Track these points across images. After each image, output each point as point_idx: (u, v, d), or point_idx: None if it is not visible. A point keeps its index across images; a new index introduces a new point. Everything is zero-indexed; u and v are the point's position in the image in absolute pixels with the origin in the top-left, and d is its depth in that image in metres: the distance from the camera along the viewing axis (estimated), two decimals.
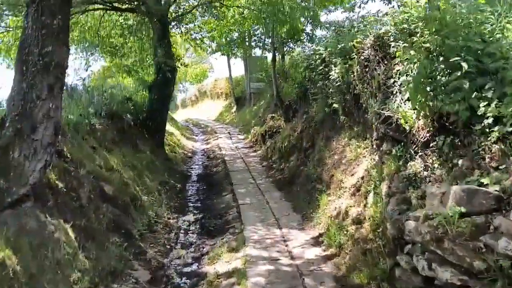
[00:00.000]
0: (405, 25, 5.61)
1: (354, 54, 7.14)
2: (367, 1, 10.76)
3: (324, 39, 10.76)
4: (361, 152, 7.64)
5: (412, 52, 5.16)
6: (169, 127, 22.61)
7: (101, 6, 14.20)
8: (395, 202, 5.30)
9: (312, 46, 10.17)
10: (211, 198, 11.22)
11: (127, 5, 14.32)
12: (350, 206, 6.76)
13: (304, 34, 21.52)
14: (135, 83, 16.19)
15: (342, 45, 7.81)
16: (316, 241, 6.95)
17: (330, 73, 8.56)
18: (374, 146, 6.64)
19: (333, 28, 12.37)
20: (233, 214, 9.17)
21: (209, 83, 43.60)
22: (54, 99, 4.73)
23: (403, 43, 5.43)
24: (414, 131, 5.40)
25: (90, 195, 6.33)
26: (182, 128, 27.09)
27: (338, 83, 8.06)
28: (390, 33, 5.99)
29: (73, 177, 6.10)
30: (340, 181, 7.78)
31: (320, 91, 10.43)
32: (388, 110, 5.76)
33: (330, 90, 8.94)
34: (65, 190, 5.76)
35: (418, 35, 5.24)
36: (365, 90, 6.73)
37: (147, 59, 15.83)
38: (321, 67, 9.43)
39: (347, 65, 7.44)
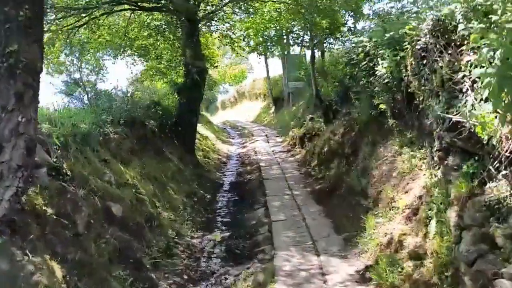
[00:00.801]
0: (480, 0, 4.19)
1: (406, 44, 5.74)
2: None
3: (367, 29, 9.25)
4: (417, 164, 6.23)
5: (492, 36, 3.75)
6: (204, 131, 21.85)
7: (127, 6, 13.51)
8: (470, 240, 3.93)
9: (353, 37, 8.73)
10: (242, 212, 10.11)
11: (154, 4, 13.53)
12: (405, 234, 5.38)
13: (345, 28, 19.94)
14: (166, 86, 15.41)
15: (391, 34, 6.41)
16: (363, 277, 5.62)
17: (375, 68, 7.17)
18: (436, 159, 5.23)
19: (378, 17, 10.86)
20: (264, 234, 7.99)
21: (248, 84, 42.68)
22: (24, 110, 3.78)
23: (477, 24, 4.02)
24: (494, 142, 3.98)
25: (89, 220, 5.38)
26: (218, 131, 26.27)
27: (386, 80, 6.66)
28: (456, 13, 4.58)
29: (69, 200, 5.16)
30: (390, 199, 6.40)
31: (364, 90, 9.04)
32: (456, 114, 4.35)
33: (376, 88, 7.55)
34: (56, 217, 4.82)
35: (499, 12, 3.83)
36: (422, 87, 5.33)
37: (175, 60, 14.95)
38: (364, 62, 8.04)
39: (398, 58, 6.05)
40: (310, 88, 20.25)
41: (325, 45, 22.48)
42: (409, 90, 6.01)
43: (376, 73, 7.04)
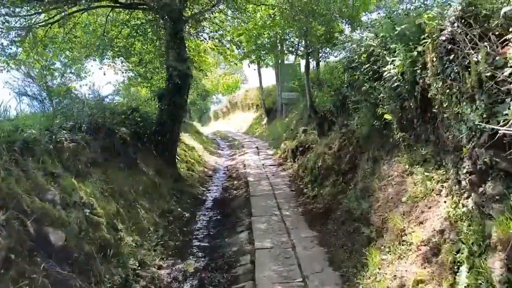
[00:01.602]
0: None
1: (425, 36, 4.55)
2: None
3: (370, 25, 8.08)
4: (433, 188, 5.00)
5: None
6: (191, 141, 20.56)
7: (106, 3, 12.31)
8: None
9: (354, 33, 7.56)
10: (223, 235, 8.80)
11: (135, 1, 12.34)
12: (423, 281, 4.13)
13: (342, 37, 18.91)
14: (148, 91, 14.14)
15: (403, 26, 5.22)
16: None
17: (381, 70, 5.99)
18: (464, 183, 4.01)
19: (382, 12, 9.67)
20: (245, 266, 6.69)
21: (240, 94, 41.59)
22: None
23: None
24: None
25: (7, 254, 4.07)
26: (207, 142, 24.99)
27: (396, 84, 5.46)
28: None
29: None
30: (400, 230, 5.15)
31: (365, 98, 7.87)
32: (502, 124, 3.15)
33: (381, 95, 6.36)
34: None
35: None
36: (448, 90, 4.12)
37: (156, 62, 13.69)
38: (367, 65, 6.87)
39: (414, 54, 4.86)
40: (304, 99, 19.17)
41: (320, 54, 21.55)
42: (426, 95, 4.80)
43: (383, 76, 5.84)
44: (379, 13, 14.50)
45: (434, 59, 4.28)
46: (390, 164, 6.87)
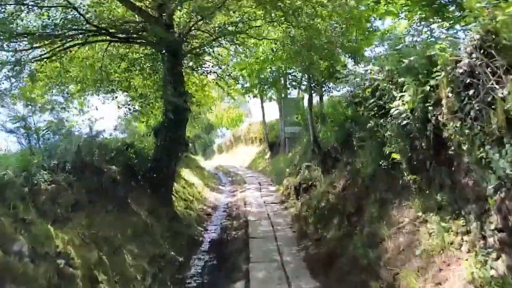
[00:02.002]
0: None
1: (439, 68, 4.04)
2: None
3: (374, 58, 7.64)
4: (452, 241, 4.34)
5: None
6: (191, 177, 19.98)
7: (104, 38, 12.07)
8: None
9: (358, 67, 7.09)
10: (217, 284, 8.06)
11: (134, 35, 12.08)
12: None
13: (345, 71, 18.61)
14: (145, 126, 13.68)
15: (412, 58, 4.71)
16: None
17: (388, 107, 5.46)
18: (493, 241, 3.37)
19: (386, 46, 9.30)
20: None
21: (244, 128, 41.28)
22: None
23: None
24: None
25: None
26: (208, 177, 24.37)
27: (405, 122, 4.90)
28: None
29: None
30: None
31: (370, 135, 7.33)
32: None
33: (388, 132, 5.80)
34: None
35: None
36: (467, 130, 3.55)
37: (154, 96, 13.28)
38: (372, 100, 6.35)
39: (426, 89, 4.33)
40: (307, 134, 18.70)
41: (323, 89, 21.27)
42: (440, 134, 4.23)
43: (390, 112, 5.30)
44: (383, 46, 14.15)
45: (450, 94, 3.75)
46: (399, 209, 6.24)
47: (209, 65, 15.55)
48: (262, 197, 17.17)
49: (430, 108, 4.34)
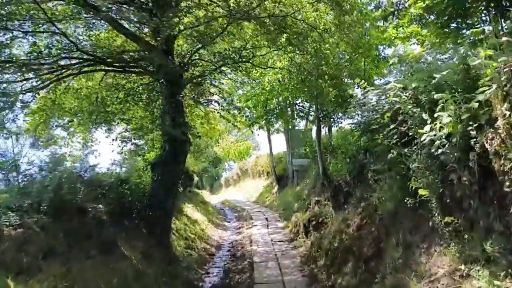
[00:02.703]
0: None
1: (487, 80, 3.15)
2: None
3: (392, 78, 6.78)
4: None
5: None
6: (194, 213, 18.93)
7: (99, 67, 11.47)
8: None
9: (373, 90, 6.22)
10: None
11: (131, 64, 11.47)
12: None
13: (354, 101, 17.83)
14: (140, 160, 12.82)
15: (446, 72, 3.82)
16: None
17: (412, 133, 4.54)
18: None
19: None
20: None
21: (251, 161, 40.37)
22: None
23: None
24: None
25: None
26: (213, 212, 23.29)
27: (440, 151, 3.95)
28: None
29: None
30: None
31: (389, 167, 6.38)
32: None
33: (415, 164, 4.85)
34: None
35: None
36: None
37: (150, 128, 12.47)
38: (392, 126, 5.44)
39: (473, 106, 3.41)
40: (316, 166, 17.74)
41: (332, 119, 20.56)
42: (488, 166, 3.29)
43: (416, 140, 4.37)
44: (395, 73, 13.41)
45: (508, 112, 2.84)
46: (429, 256, 5.19)
47: (213, 96, 14.87)
48: (269, 235, 16.04)
49: (473, 132, 3.43)
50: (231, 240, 16.67)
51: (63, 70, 10.82)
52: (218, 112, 15.18)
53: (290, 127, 23.94)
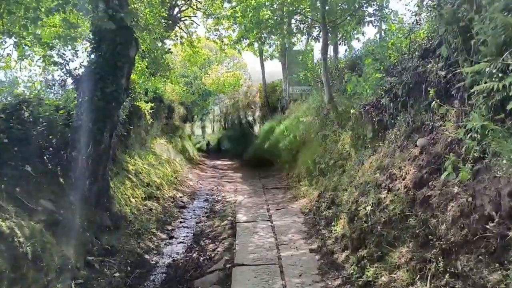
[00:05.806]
0: None
1: None
2: None
3: None
4: None
5: None
6: (167, 151, 15.09)
7: None
8: None
9: None
10: None
11: None
12: None
13: (371, 9, 13.39)
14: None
15: None
16: None
17: None
18: None
19: None
20: None
21: (241, 92, 36.10)
22: None
23: None
24: None
25: None
26: (192, 146, 19.55)
27: None
28: None
29: None
30: None
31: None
32: None
33: None
34: None
35: None
36: None
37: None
38: None
39: None
40: (319, 94, 13.82)
41: (339, 35, 16.46)
42: None
43: None
44: None
45: None
46: None
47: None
48: (260, 179, 12.46)
49: None
50: (211, 187, 13.05)
51: None
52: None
53: (287, 46, 19.38)
